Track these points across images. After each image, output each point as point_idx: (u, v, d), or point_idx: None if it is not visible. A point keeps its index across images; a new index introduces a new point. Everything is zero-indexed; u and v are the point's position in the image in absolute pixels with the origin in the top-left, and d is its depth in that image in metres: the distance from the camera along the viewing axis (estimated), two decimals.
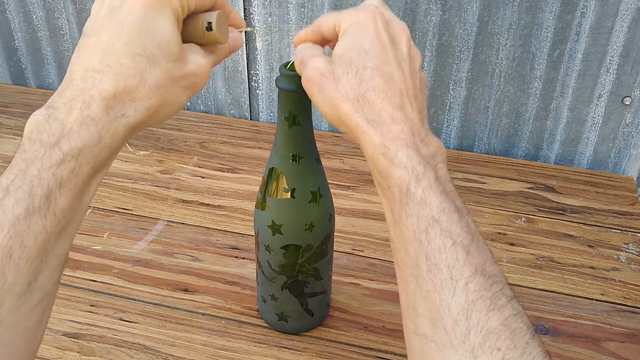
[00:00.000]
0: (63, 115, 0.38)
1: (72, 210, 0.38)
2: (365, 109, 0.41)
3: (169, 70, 0.41)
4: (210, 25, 0.43)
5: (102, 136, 0.39)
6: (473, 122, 0.98)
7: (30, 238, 0.36)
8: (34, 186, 0.36)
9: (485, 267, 0.36)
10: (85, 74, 0.40)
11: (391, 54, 0.42)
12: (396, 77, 0.41)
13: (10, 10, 1.07)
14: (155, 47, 0.40)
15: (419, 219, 0.37)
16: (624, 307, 0.70)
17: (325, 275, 0.62)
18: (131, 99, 0.40)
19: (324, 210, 0.57)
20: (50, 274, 0.38)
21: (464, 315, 0.34)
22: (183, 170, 0.90)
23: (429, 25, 0.91)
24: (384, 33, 0.42)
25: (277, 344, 0.64)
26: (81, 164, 0.38)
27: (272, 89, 1.03)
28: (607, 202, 0.87)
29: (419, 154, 0.39)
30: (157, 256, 0.75)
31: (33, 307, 0.37)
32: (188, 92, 0.44)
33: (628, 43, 0.86)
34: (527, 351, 0.33)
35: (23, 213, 0.35)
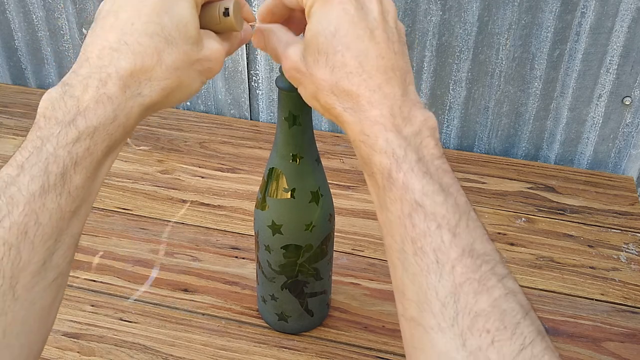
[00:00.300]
0: (79, 93, 0.38)
1: (87, 189, 0.39)
2: (341, 97, 0.39)
3: (186, 52, 0.41)
4: (227, 11, 0.44)
5: (118, 115, 0.39)
6: (473, 122, 0.98)
7: (45, 216, 0.36)
8: (50, 164, 0.36)
9: (474, 247, 0.36)
10: (102, 52, 0.39)
11: (361, 25, 0.39)
12: (371, 52, 0.39)
13: (10, 10, 1.07)
14: (174, 29, 0.40)
15: (402, 204, 0.37)
16: (624, 307, 0.70)
17: (325, 275, 0.62)
18: (147, 79, 0.40)
19: (324, 210, 0.57)
20: (65, 252, 0.38)
21: (451, 298, 0.34)
22: (183, 170, 0.90)
23: (429, 25, 0.91)
24: (349, 2, 0.39)
25: (277, 344, 0.64)
26: (96, 142, 0.38)
27: (272, 89, 1.03)
28: (607, 202, 0.87)
29: (400, 135, 0.38)
30: (157, 256, 0.75)
31: (48, 285, 0.37)
32: (202, 77, 0.44)
33: (628, 43, 0.86)
34: (517, 331, 0.33)
35: (38, 190, 0.35)
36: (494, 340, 0.33)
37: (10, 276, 0.35)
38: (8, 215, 0.35)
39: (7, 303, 0.35)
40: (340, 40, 0.39)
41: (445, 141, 1.01)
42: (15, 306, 0.35)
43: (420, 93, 0.97)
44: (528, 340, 0.33)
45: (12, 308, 0.35)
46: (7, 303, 0.35)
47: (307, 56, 0.40)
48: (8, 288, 0.35)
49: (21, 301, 0.36)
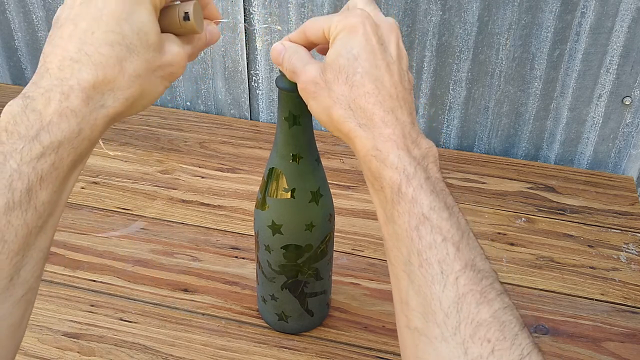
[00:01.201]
0: (41, 107, 0.37)
1: (53, 203, 0.38)
2: (357, 114, 0.41)
3: (148, 60, 0.41)
4: (187, 15, 0.43)
5: (82, 128, 0.38)
6: (473, 122, 0.98)
7: (11, 233, 0.35)
8: (14, 180, 0.35)
9: (475, 263, 0.37)
10: (63, 63, 0.39)
11: (380, 56, 0.42)
12: (386, 81, 0.42)
13: (10, 10, 1.07)
14: (134, 37, 0.40)
15: (410, 217, 0.38)
16: (624, 307, 0.70)
17: (325, 275, 0.62)
18: (110, 89, 0.39)
19: (324, 210, 0.57)
20: (33, 268, 0.38)
21: (454, 308, 0.35)
22: (183, 170, 0.90)
23: (429, 25, 0.91)
24: (372, 36, 0.42)
25: (277, 344, 0.64)
26: (61, 157, 0.38)
27: (272, 89, 1.03)
28: (607, 202, 0.87)
29: (410, 154, 0.40)
30: (157, 256, 0.75)
31: (16, 301, 0.37)
32: (165, 82, 0.44)
33: (628, 43, 0.86)
34: (516, 342, 0.34)
35: (3, 208, 0.35)
36: (495, 350, 0.34)
37: None
38: None
39: None
40: (360, 63, 0.42)
41: (445, 141, 1.01)
42: None
43: (420, 93, 0.97)
44: (526, 352, 0.34)
45: None
46: None
47: (327, 73, 0.43)
48: None
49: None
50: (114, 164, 0.91)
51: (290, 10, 0.95)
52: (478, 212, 0.84)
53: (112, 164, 0.91)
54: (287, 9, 0.94)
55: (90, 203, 0.84)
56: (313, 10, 0.94)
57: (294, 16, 0.95)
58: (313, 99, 0.44)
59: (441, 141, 1.01)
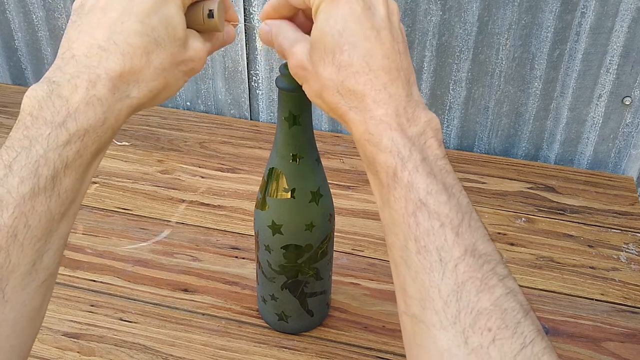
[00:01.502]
0: (67, 93, 0.37)
1: (75, 190, 0.38)
2: (346, 96, 0.39)
3: (173, 54, 0.41)
4: (211, 13, 0.44)
5: (107, 117, 0.39)
6: (473, 122, 0.98)
7: (35, 218, 0.36)
8: (40, 166, 0.36)
9: (477, 247, 0.36)
10: (90, 51, 0.39)
11: (368, 25, 0.39)
12: (377, 53, 0.39)
13: (10, 10, 1.07)
14: (163, 30, 0.40)
15: (407, 202, 0.37)
16: (624, 307, 0.70)
17: (325, 275, 0.62)
18: (136, 80, 0.40)
19: (324, 210, 0.57)
20: (54, 253, 0.38)
21: (454, 296, 0.34)
22: (183, 170, 0.90)
23: (429, 25, 0.91)
24: (356, 2, 0.39)
25: (277, 344, 0.64)
26: (86, 145, 0.38)
27: (272, 89, 1.03)
28: (607, 202, 0.87)
29: (405, 135, 0.38)
30: (157, 256, 0.75)
31: (37, 287, 0.37)
32: (185, 76, 0.44)
33: (628, 43, 0.86)
34: (518, 330, 0.33)
35: (28, 193, 0.35)
36: (495, 339, 0.33)
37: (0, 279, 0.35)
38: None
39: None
40: (347, 39, 0.39)
41: (445, 141, 1.01)
42: (5, 308, 0.35)
43: (420, 93, 0.97)
44: (528, 339, 0.33)
45: (1, 310, 0.35)
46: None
47: (313, 55, 0.40)
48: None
49: (11, 303, 0.35)
50: (114, 164, 0.91)
51: None
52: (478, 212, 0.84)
53: (112, 164, 0.91)
54: None
55: (90, 203, 0.84)
56: None
57: None
58: (305, 83, 0.43)
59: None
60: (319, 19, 0.40)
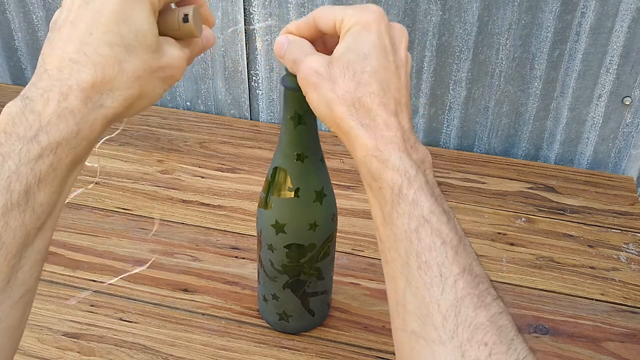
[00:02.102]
0: (40, 107, 0.37)
1: (51, 204, 0.38)
2: (359, 112, 0.41)
3: (146, 61, 0.41)
4: (186, 17, 0.44)
5: (81, 128, 0.38)
6: (473, 122, 0.98)
7: (9, 235, 0.35)
8: (12, 182, 0.35)
9: (472, 267, 0.37)
10: (62, 64, 0.39)
11: (391, 58, 0.42)
12: (392, 84, 0.42)
13: (10, 10, 1.07)
14: (132, 38, 0.40)
15: (410, 219, 0.38)
16: (624, 307, 0.70)
17: (327, 275, 0.62)
18: (109, 89, 0.39)
19: (328, 209, 0.57)
20: (31, 269, 0.37)
21: (452, 311, 0.35)
22: (183, 170, 0.90)
23: (429, 25, 0.91)
24: (385, 36, 0.42)
25: (277, 344, 0.64)
26: (60, 157, 0.37)
27: (272, 89, 1.03)
28: (607, 202, 0.87)
29: (410, 158, 0.40)
30: (157, 256, 0.75)
31: (14, 303, 0.37)
32: (165, 84, 0.44)
33: (628, 43, 0.86)
34: (512, 347, 0.34)
35: (1, 209, 0.35)
36: (492, 353, 0.34)
37: None
38: None
39: None
40: (370, 62, 0.41)
41: (445, 141, 1.01)
42: None
43: (420, 93, 0.97)
44: (522, 356, 0.34)
45: None
46: None
47: (334, 67, 0.42)
48: None
49: None
50: (114, 164, 0.91)
51: (290, 10, 0.95)
52: (478, 212, 0.84)
53: (112, 164, 0.91)
54: (287, 9, 0.94)
55: (90, 203, 0.83)
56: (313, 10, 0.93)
57: (294, 16, 0.95)
58: (314, 90, 0.43)
59: (441, 141, 1.01)
60: (348, 38, 0.42)
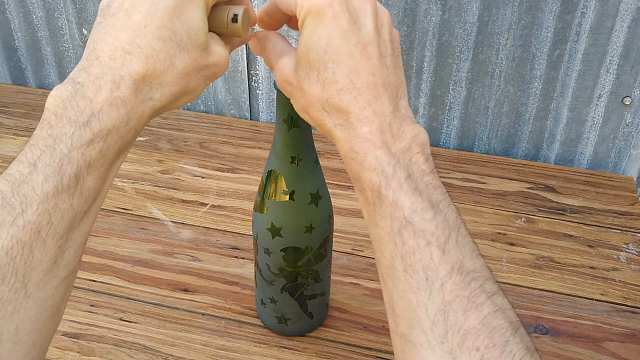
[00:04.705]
0: (91, 94, 0.38)
1: (98, 189, 0.39)
2: (331, 114, 0.40)
3: (196, 58, 0.42)
4: (235, 17, 0.44)
5: (130, 118, 0.39)
6: (473, 122, 0.98)
7: (58, 216, 0.36)
8: (64, 165, 0.36)
9: (464, 264, 0.36)
10: (114, 53, 0.39)
11: (354, 41, 0.39)
12: (362, 69, 0.39)
13: (10, 10, 1.07)
14: (185, 35, 0.40)
15: (392, 221, 0.37)
16: (624, 307, 0.70)
17: (324, 277, 0.62)
18: (159, 83, 0.40)
19: (323, 212, 0.57)
20: (76, 251, 0.39)
21: (441, 316, 0.34)
22: (183, 170, 0.90)
23: (429, 25, 0.91)
24: (343, 17, 0.38)
25: (277, 344, 0.64)
26: (109, 145, 0.38)
27: (272, 89, 1.03)
28: (607, 202, 0.87)
29: (389, 152, 0.38)
30: (157, 256, 0.75)
31: (59, 283, 0.38)
32: (207, 81, 0.44)
33: (628, 43, 0.86)
34: (506, 349, 0.33)
35: (52, 191, 0.36)
36: (483, 358, 0.33)
37: (22, 274, 0.35)
38: (22, 214, 0.35)
39: (20, 301, 0.35)
40: (331, 56, 0.39)
41: (445, 141, 1.01)
42: (28, 303, 0.36)
43: (420, 93, 0.97)
44: (517, 358, 0.33)
45: (24, 305, 0.36)
46: (20, 301, 0.35)
47: (299, 70, 0.41)
48: (20, 286, 0.35)
49: (33, 299, 0.36)
50: None
51: None
52: (478, 212, 0.84)
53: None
54: None
55: None
56: None
57: None
58: (291, 98, 0.43)
59: (441, 141, 1.01)
60: (304, 34, 0.40)
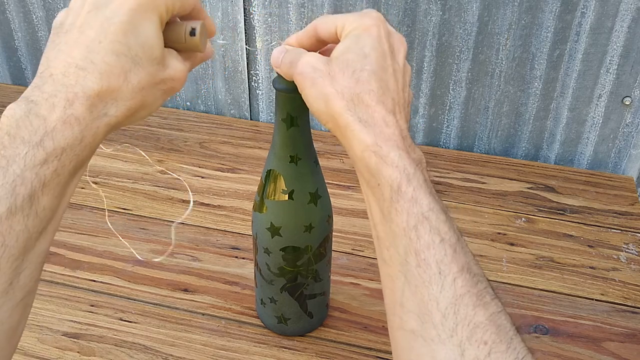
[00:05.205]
0: (45, 112, 0.37)
1: (54, 209, 0.38)
2: (358, 108, 0.41)
3: (151, 73, 0.41)
4: (193, 31, 0.44)
5: (85, 135, 0.38)
6: (473, 122, 0.98)
7: (12, 238, 0.35)
8: (17, 185, 0.35)
9: (471, 266, 0.37)
10: (68, 70, 0.39)
11: (389, 62, 0.43)
12: (391, 86, 0.42)
13: (10, 10, 1.07)
14: (140, 49, 0.40)
15: (409, 216, 0.38)
16: (624, 307, 0.70)
17: (324, 277, 0.62)
18: (114, 99, 0.40)
19: (323, 211, 0.57)
20: (32, 272, 0.38)
21: (452, 309, 0.35)
22: (183, 170, 0.90)
23: (429, 25, 0.91)
24: (385, 41, 0.43)
25: (277, 344, 0.64)
26: (64, 163, 0.38)
27: (272, 89, 1.03)
28: (607, 202, 0.87)
29: (409, 156, 0.40)
30: (157, 256, 0.75)
31: (15, 305, 0.37)
32: (165, 95, 0.44)
33: (628, 43, 0.86)
34: (512, 346, 0.34)
35: (5, 213, 0.35)
36: (491, 352, 0.34)
37: None
38: None
39: None
40: (369, 62, 0.42)
41: (445, 141, 1.01)
42: None
43: (420, 93, 0.97)
44: (521, 355, 0.34)
45: None
46: None
47: (333, 65, 0.42)
48: None
49: None
50: (114, 164, 0.91)
51: (290, 10, 0.95)
52: (478, 212, 0.84)
53: (112, 164, 0.91)
54: (287, 9, 0.94)
55: (90, 203, 0.84)
56: (313, 10, 0.94)
57: (293, 16, 0.95)
58: (312, 85, 0.43)
59: (441, 141, 1.01)
60: (347, 40, 0.43)
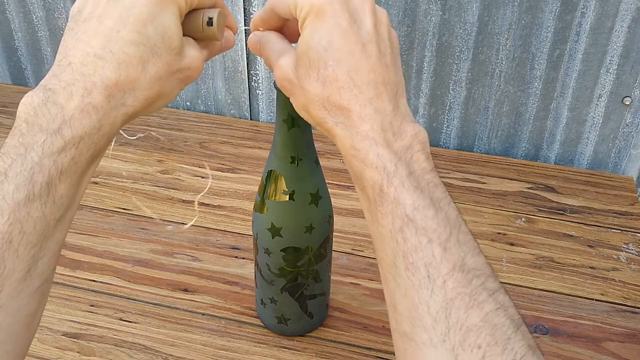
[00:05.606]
0: (63, 100, 0.38)
1: (71, 197, 0.38)
2: (332, 112, 0.39)
3: (169, 63, 0.41)
4: (211, 21, 0.44)
5: (103, 124, 0.39)
6: (473, 122, 0.98)
7: (30, 225, 0.36)
8: (35, 173, 0.36)
9: (465, 262, 0.36)
10: (86, 59, 0.39)
11: (353, 39, 0.39)
12: (362, 67, 0.39)
13: (10, 10, 1.07)
14: (158, 40, 0.40)
15: (394, 218, 0.37)
16: (624, 307, 0.70)
17: (324, 277, 0.62)
18: (131, 89, 0.40)
19: (324, 212, 0.57)
20: (49, 259, 0.38)
21: (443, 313, 0.34)
22: (183, 170, 0.90)
23: (429, 25, 0.91)
24: (342, 16, 0.39)
25: (277, 344, 0.64)
26: (81, 152, 0.38)
27: (272, 89, 1.03)
28: (607, 202, 0.87)
29: (391, 150, 0.38)
30: (157, 256, 0.75)
31: (32, 292, 0.37)
32: (182, 84, 0.44)
33: (628, 43, 0.86)
34: (508, 347, 0.33)
35: (23, 200, 0.35)
36: (485, 356, 0.33)
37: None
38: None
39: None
40: (331, 54, 0.39)
41: (445, 141, 1.01)
42: (0, 314, 0.35)
43: (420, 93, 0.97)
44: (519, 356, 0.33)
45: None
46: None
47: (299, 68, 0.40)
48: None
49: (6, 309, 0.36)
50: (114, 164, 0.91)
51: None
52: (478, 212, 0.84)
53: (112, 164, 0.91)
54: None
55: (90, 203, 0.84)
56: None
57: None
58: (291, 96, 0.43)
59: (441, 141, 1.01)
60: (305, 33, 0.40)
